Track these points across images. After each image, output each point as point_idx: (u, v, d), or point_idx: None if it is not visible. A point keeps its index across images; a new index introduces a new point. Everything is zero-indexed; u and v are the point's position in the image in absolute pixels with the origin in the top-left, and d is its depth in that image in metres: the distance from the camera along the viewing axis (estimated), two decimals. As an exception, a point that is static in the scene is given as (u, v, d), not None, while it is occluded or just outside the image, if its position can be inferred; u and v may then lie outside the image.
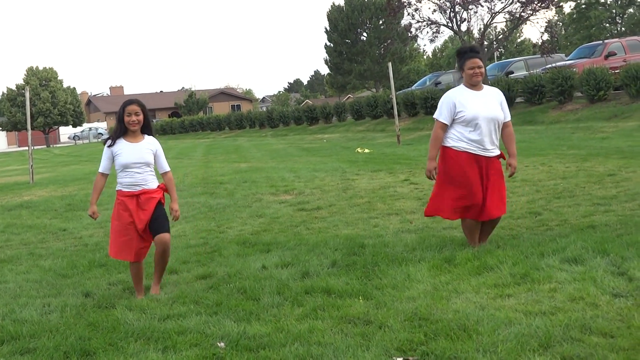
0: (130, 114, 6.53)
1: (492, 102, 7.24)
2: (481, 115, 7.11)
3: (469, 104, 7.13)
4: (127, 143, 6.59)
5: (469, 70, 7.17)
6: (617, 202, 9.43)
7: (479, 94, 7.23)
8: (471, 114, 7.09)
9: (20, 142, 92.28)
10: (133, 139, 6.62)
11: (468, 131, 7.14)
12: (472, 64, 7.16)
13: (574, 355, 4.21)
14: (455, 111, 7.16)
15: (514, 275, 5.94)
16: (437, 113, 7.31)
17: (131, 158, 6.53)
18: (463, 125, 7.16)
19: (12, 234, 11.05)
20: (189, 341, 5.03)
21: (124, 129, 6.60)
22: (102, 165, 6.68)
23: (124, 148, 6.56)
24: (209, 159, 27.14)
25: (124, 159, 6.53)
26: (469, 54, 7.24)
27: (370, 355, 4.46)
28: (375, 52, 69.05)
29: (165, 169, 6.79)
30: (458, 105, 7.15)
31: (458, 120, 7.17)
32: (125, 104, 6.60)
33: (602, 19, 73.30)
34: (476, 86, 7.25)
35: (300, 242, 8.39)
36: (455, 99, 7.20)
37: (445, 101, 7.28)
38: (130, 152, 6.55)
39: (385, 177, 15.01)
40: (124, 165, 6.53)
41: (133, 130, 6.59)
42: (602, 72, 25.24)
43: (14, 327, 5.62)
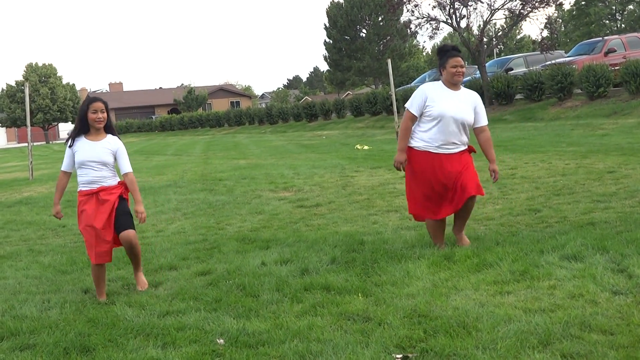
0: (96, 111, 6.43)
1: (466, 104, 7.17)
2: (448, 114, 7.05)
3: (440, 101, 7.09)
4: (87, 141, 6.48)
5: (452, 68, 7.12)
6: (616, 199, 9.43)
7: (454, 94, 7.18)
8: (438, 111, 7.05)
9: (20, 138, 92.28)
10: (94, 138, 6.51)
11: (431, 128, 7.11)
12: (455, 62, 7.13)
13: (574, 353, 4.21)
14: (424, 105, 7.14)
15: (514, 272, 5.94)
16: (409, 103, 7.30)
17: (87, 156, 6.41)
18: (428, 122, 7.14)
19: (11, 230, 11.05)
20: (188, 337, 5.03)
21: (86, 127, 6.50)
22: (64, 163, 6.60)
23: (83, 146, 6.47)
24: (208, 155, 27.13)
25: (80, 156, 6.43)
26: (452, 52, 7.21)
27: (369, 352, 4.46)
28: (375, 49, 69.03)
29: (126, 170, 6.58)
30: (429, 100, 7.13)
31: (425, 114, 7.15)
32: (90, 101, 6.49)
33: (602, 16, 73.35)
34: (455, 85, 7.21)
35: (300, 238, 8.39)
36: (428, 92, 7.18)
37: (418, 93, 7.26)
38: (88, 150, 6.44)
39: (385, 173, 15.01)
40: (81, 162, 6.42)
41: (98, 127, 6.49)
42: (601, 69, 25.24)
43: (13, 323, 5.62)
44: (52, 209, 6.58)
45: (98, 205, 6.40)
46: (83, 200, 6.47)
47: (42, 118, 78.60)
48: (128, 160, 6.64)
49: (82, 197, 6.48)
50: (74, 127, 6.60)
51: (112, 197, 6.43)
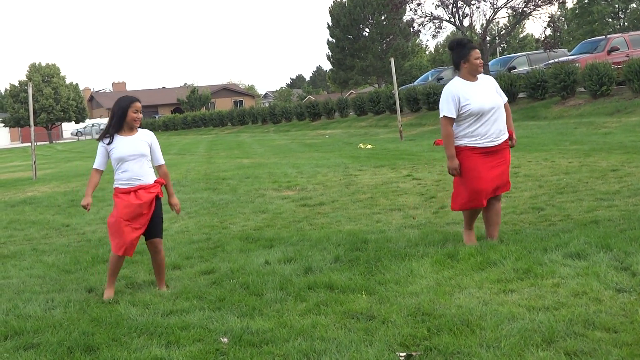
0: (137, 111, 6.54)
1: (490, 90, 7.25)
2: (486, 106, 7.10)
3: (473, 96, 7.10)
4: (122, 137, 6.54)
5: (476, 60, 7.16)
6: (620, 197, 9.42)
7: (478, 85, 7.22)
8: (477, 106, 7.06)
9: (23, 138, 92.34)
10: (128, 133, 6.59)
11: (473, 124, 7.12)
12: (477, 54, 7.19)
13: (578, 350, 4.20)
14: (460, 105, 7.11)
15: (517, 271, 5.94)
16: (444, 110, 7.18)
17: (127, 151, 6.47)
18: (468, 119, 7.13)
19: (15, 230, 11.07)
20: (192, 336, 5.03)
21: (121, 125, 6.56)
22: (98, 161, 6.62)
23: (120, 142, 6.52)
24: (212, 154, 27.15)
25: (120, 152, 6.47)
26: (471, 45, 7.27)
27: (373, 351, 4.46)
28: (378, 48, 69.02)
29: (161, 162, 6.72)
30: (462, 99, 7.09)
31: (464, 113, 7.12)
32: (131, 101, 6.56)
33: (605, 14, 73.27)
34: (474, 77, 7.25)
35: (303, 237, 8.39)
36: (457, 92, 7.14)
37: (448, 96, 7.18)
38: (127, 144, 6.50)
39: (388, 172, 15.01)
40: (120, 158, 6.47)
41: (135, 126, 6.58)
42: (604, 67, 25.19)
43: (17, 323, 5.63)
44: (83, 199, 6.53)
45: (135, 201, 6.45)
46: (120, 197, 6.50)
47: (46, 118, 78.56)
48: (161, 153, 6.78)
49: (120, 194, 6.50)
50: (109, 124, 6.60)
51: (151, 196, 6.50)
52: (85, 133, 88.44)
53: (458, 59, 7.28)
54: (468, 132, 7.13)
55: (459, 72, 7.29)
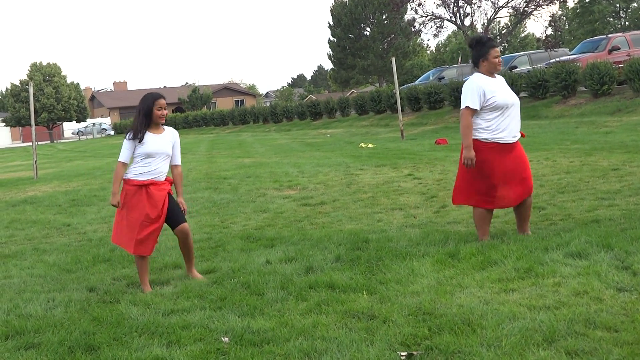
0: (161, 108, 6.67)
1: (508, 88, 7.37)
2: (509, 101, 7.19)
3: (498, 90, 7.17)
4: (152, 134, 6.69)
5: (494, 58, 7.22)
6: (621, 196, 9.41)
7: (499, 81, 7.31)
8: (502, 100, 7.13)
9: (24, 137, 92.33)
10: (156, 131, 6.73)
11: (496, 118, 7.15)
12: (496, 52, 7.25)
13: (578, 350, 4.20)
14: (485, 98, 7.13)
15: (518, 270, 5.94)
16: (468, 100, 7.17)
17: (157, 148, 6.64)
18: (491, 112, 7.15)
19: (16, 230, 11.07)
20: (193, 336, 5.03)
21: (149, 122, 6.68)
22: (124, 155, 6.69)
23: (150, 138, 6.66)
24: (213, 154, 27.16)
25: (149, 147, 6.61)
26: (491, 42, 7.34)
27: (374, 350, 4.46)
28: (379, 47, 69.02)
29: (178, 162, 6.93)
30: (487, 92, 7.12)
31: (488, 107, 7.14)
32: (154, 98, 6.70)
33: (606, 14, 73.24)
34: (492, 75, 7.30)
35: (304, 237, 8.39)
36: (483, 85, 7.16)
37: (473, 88, 7.19)
38: (157, 142, 6.67)
39: (389, 172, 15.01)
40: (148, 153, 6.61)
41: (161, 123, 6.73)
42: (605, 67, 25.17)
43: (18, 322, 5.63)
44: (112, 198, 6.65)
45: (148, 198, 6.58)
46: (132, 190, 6.61)
47: (47, 117, 78.57)
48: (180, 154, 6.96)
49: (130, 186, 6.61)
50: (137, 122, 6.68)
51: (163, 192, 6.67)
52: (86, 132, 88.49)
53: (477, 57, 7.33)
54: (490, 125, 7.15)
55: (478, 69, 7.32)
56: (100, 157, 32.88)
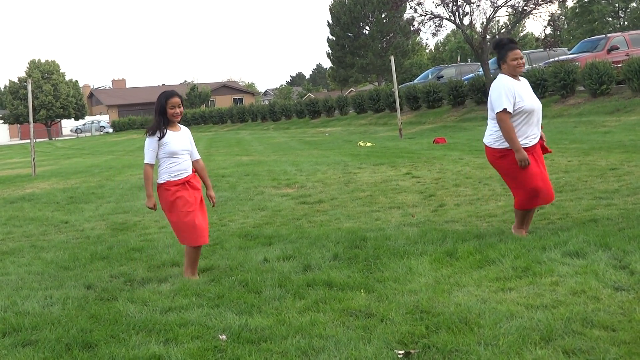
0: (174, 107, 6.71)
1: (532, 92, 7.32)
2: (535, 106, 7.17)
3: (524, 95, 7.13)
4: (171, 132, 6.77)
5: (512, 61, 7.17)
6: (619, 196, 9.42)
7: (523, 85, 7.26)
8: (529, 104, 7.11)
9: (23, 134, 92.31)
10: (174, 129, 6.82)
11: (521, 123, 7.13)
12: (514, 55, 7.17)
13: (576, 349, 4.21)
14: (514, 101, 7.08)
15: (516, 269, 5.94)
16: (504, 103, 7.05)
17: (179, 146, 6.74)
18: (517, 117, 7.10)
19: (14, 227, 11.07)
20: (190, 333, 5.03)
21: (167, 121, 6.74)
22: (149, 156, 6.76)
23: (171, 137, 6.73)
24: (211, 152, 27.15)
25: (172, 147, 6.70)
26: (510, 45, 7.24)
27: (371, 348, 4.46)
28: (378, 46, 68.96)
29: (198, 157, 7.07)
30: (517, 95, 7.08)
31: (516, 111, 7.09)
32: (167, 96, 6.74)
33: (605, 13, 73.28)
34: (516, 77, 7.25)
35: (302, 235, 8.39)
36: (513, 87, 7.11)
37: (506, 90, 7.10)
38: (178, 140, 6.76)
39: (387, 170, 15.01)
40: (172, 152, 6.70)
41: (176, 121, 6.80)
42: (604, 66, 25.19)
43: (16, 319, 5.63)
44: (147, 201, 6.81)
45: (193, 191, 6.75)
46: (176, 189, 6.70)
47: (45, 115, 78.54)
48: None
49: (173, 187, 6.70)
50: (155, 121, 6.76)
51: (199, 185, 6.88)
52: (84, 130, 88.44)
53: (498, 60, 7.34)
54: (516, 130, 7.12)
55: (501, 71, 7.30)
56: (98, 155, 32.87)
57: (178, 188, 6.69)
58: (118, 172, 20.08)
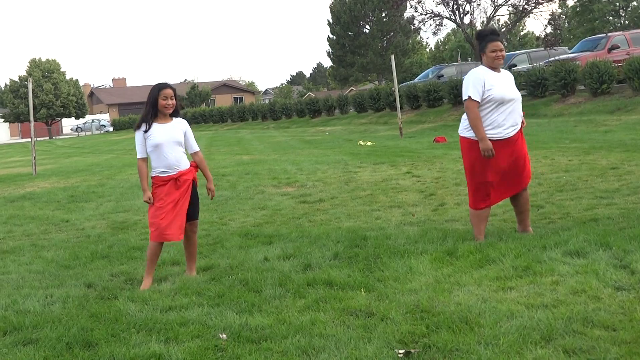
0: (166, 98, 6.65)
1: (512, 84, 7.31)
2: (508, 96, 7.13)
3: (497, 84, 7.12)
4: (158, 125, 6.69)
5: (491, 53, 7.15)
6: (619, 195, 9.42)
7: (500, 75, 7.24)
8: (499, 94, 7.07)
9: (23, 133, 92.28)
10: (163, 121, 6.73)
11: (492, 112, 7.11)
12: (494, 46, 7.15)
13: (576, 348, 4.20)
14: (484, 89, 7.09)
15: (516, 268, 5.94)
16: (470, 91, 7.12)
17: (163, 138, 6.63)
18: (488, 106, 7.11)
19: (14, 225, 11.07)
20: (190, 332, 5.03)
21: (156, 112, 6.68)
22: (139, 150, 6.73)
23: (156, 129, 6.66)
24: (212, 151, 27.13)
25: (156, 139, 6.61)
26: (491, 37, 7.23)
27: (372, 347, 4.46)
28: (378, 45, 68.95)
29: (196, 149, 6.96)
30: (487, 84, 7.08)
31: (485, 99, 7.10)
32: (160, 88, 6.68)
33: (606, 12, 73.26)
34: (496, 69, 7.24)
35: (302, 234, 8.39)
36: (484, 77, 7.13)
37: (475, 79, 7.15)
38: (162, 132, 6.66)
39: (388, 169, 15.00)
40: (156, 145, 6.61)
41: (167, 113, 6.71)
42: (605, 66, 25.17)
43: (16, 318, 5.63)
44: (143, 195, 6.74)
45: (177, 188, 6.66)
46: (160, 185, 6.66)
47: (46, 113, 78.54)
48: (195, 141, 6.99)
49: (159, 182, 6.66)
50: (144, 113, 6.73)
51: (188, 182, 6.75)
52: (85, 129, 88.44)
53: (479, 51, 7.35)
54: (485, 120, 7.12)
55: (482, 62, 7.32)
56: (99, 154, 32.86)
57: (163, 184, 6.64)
58: (118, 171, 20.07)
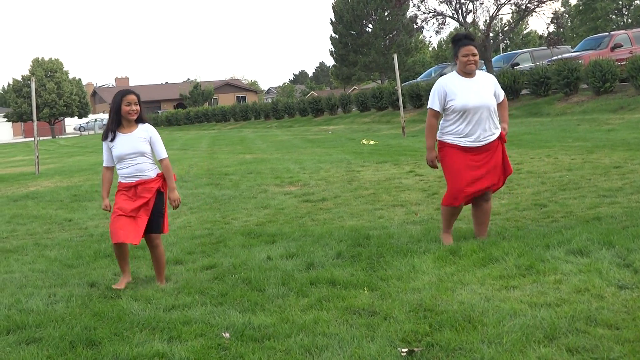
0: (130, 104, 6.52)
1: (485, 89, 7.13)
2: (470, 105, 6.99)
3: (460, 93, 7.02)
4: (121, 135, 6.55)
5: (463, 57, 7.05)
6: (622, 194, 9.41)
7: (472, 82, 7.11)
8: (460, 104, 6.98)
9: (26, 133, 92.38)
10: (128, 130, 6.58)
11: (457, 122, 7.07)
12: (466, 51, 7.05)
13: (579, 347, 4.20)
14: (445, 100, 7.08)
15: (519, 267, 5.94)
16: (430, 101, 7.23)
17: (125, 149, 6.50)
18: (453, 116, 7.08)
19: (18, 225, 11.08)
20: (194, 331, 5.04)
21: (119, 120, 6.56)
22: (105, 159, 6.69)
23: (119, 140, 6.54)
24: (214, 150, 27.15)
25: (118, 150, 6.51)
26: (464, 41, 7.13)
27: (375, 346, 4.46)
28: (381, 44, 68.88)
29: (162, 156, 6.70)
30: (448, 95, 7.05)
31: (449, 109, 7.08)
32: (123, 94, 6.57)
33: (608, 11, 73.21)
34: (470, 74, 7.17)
35: (305, 233, 8.39)
36: (446, 86, 7.09)
37: (436, 89, 7.18)
38: (125, 143, 6.51)
39: (391, 168, 15.00)
40: (119, 156, 6.52)
41: (131, 119, 6.57)
42: (608, 64, 25.17)
43: (20, 317, 5.63)
44: (101, 203, 6.70)
45: (135, 198, 6.50)
46: (121, 190, 6.58)
47: (49, 113, 78.62)
48: (163, 146, 6.74)
49: (121, 187, 6.59)
50: (108, 120, 6.63)
51: (150, 193, 6.52)
52: (88, 128, 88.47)
53: (453, 55, 7.29)
54: (452, 129, 7.12)
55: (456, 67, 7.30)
56: (101, 153, 32.79)
57: (123, 190, 6.55)
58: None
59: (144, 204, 6.49)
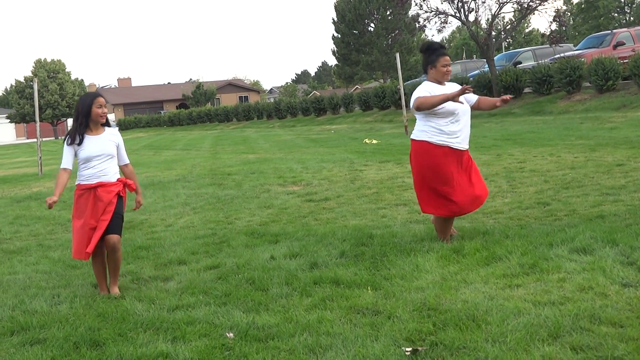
0: (101, 106, 6.49)
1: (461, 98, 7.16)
2: (460, 108, 7.06)
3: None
4: (90, 137, 6.49)
5: (442, 67, 7.09)
6: (625, 192, 9.40)
7: (447, 88, 7.16)
8: (452, 105, 6.99)
9: (29, 134, 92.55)
10: (95, 132, 6.53)
11: (448, 123, 7.06)
12: (445, 61, 7.10)
13: (583, 345, 4.20)
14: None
15: (523, 266, 5.94)
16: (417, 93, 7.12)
17: (95, 150, 6.43)
18: (442, 117, 7.06)
19: (21, 226, 11.09)
20: (198, 331, 5.04)
21: (87, 123, 6.49)
22: (66, 161, 6.51)
23: (88, 142, 6.46)
24: (217, 150, 27.15)
25: (88, 151, 6.42)
26: (441, 51, 7.16)
27: (379, 346, 4.46)
28: (383, 43, 68.88)
29: (126, 162, 6.71)
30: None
31: (438, 113, 7.05)
32: (94, 96, 6.54)
33: (611, 9, 73.14)
34: (442, 83, 7.19)
35: (309, 232, 8.39)
36: (432, 92, 7.07)
37: (422, 89, 7.12)
38: (95, 144, 6.45)
39: (393, 167, 14.99)
40: (87, 158, 6.41)
41: (101, 122, 6.54)
42: (610, 62, 25.14)
43: (24, 318, 5.64)
44: (51, 197, 6.35)
45: (95, 202, 6.37)
46: (80, 193, 6.45)
47: (51, 114, 78.75)
48: (125, 152, 6.77)
49: (80, 190, 6.45)
50: (75, 123, 6.52)
51: (110, 195, 6.41)
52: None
53: (426, 64, 7.23)
54: (442, 128, 7.07)
55: (427, 76, 7.24)
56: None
57: (82, 193, 6.42)
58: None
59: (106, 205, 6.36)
